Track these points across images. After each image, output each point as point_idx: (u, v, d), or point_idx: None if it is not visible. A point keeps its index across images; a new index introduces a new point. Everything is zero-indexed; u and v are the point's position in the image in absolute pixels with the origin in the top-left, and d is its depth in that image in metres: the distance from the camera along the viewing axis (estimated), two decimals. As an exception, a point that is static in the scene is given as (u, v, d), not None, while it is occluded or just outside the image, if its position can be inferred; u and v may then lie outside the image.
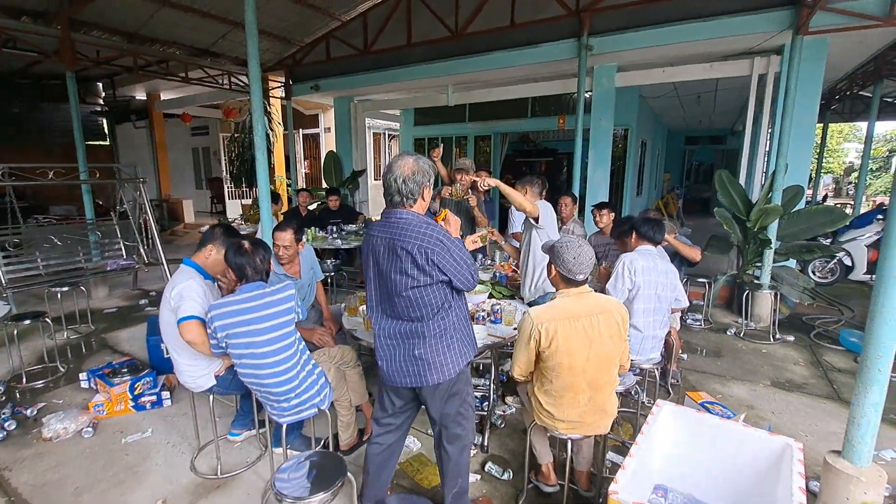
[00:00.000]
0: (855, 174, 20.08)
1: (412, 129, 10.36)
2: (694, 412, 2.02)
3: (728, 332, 4.78)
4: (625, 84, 6.22)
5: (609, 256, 4.00)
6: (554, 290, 2.98)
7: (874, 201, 15.10)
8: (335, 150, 9.24)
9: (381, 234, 1.80)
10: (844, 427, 3.15)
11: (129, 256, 5.65)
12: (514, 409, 3.15)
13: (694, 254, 3.80)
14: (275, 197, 6.11)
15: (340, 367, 2.51)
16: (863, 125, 19.85)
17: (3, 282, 4.36)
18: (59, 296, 4.51)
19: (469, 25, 6.27)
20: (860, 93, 9.32)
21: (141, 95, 11.94)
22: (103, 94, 11.58)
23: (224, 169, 12.85)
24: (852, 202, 16.41)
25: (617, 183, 8.07)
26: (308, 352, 2.22)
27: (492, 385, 3.00)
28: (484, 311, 2.84)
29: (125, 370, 3.24)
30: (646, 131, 9.34)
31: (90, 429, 2.91)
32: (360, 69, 7.54)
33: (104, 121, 12.67)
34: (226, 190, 13.19)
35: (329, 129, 12.06)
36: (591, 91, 6.17)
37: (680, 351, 4.01)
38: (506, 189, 2.91)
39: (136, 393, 3.15)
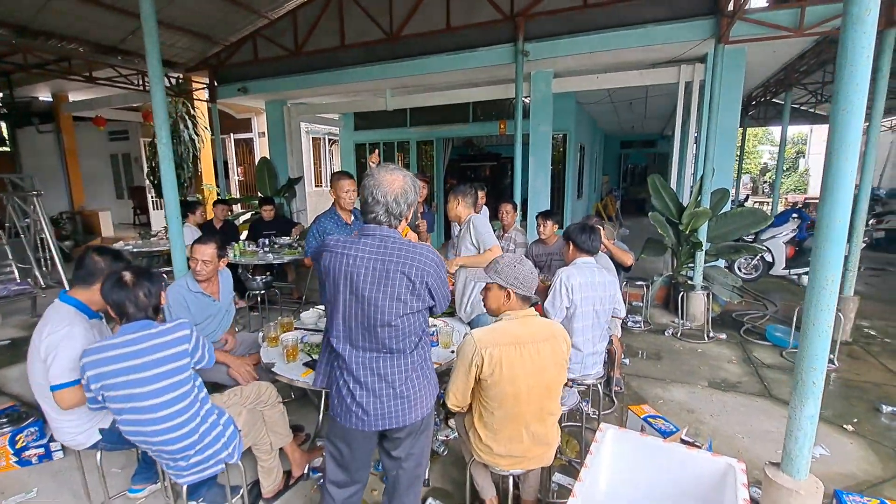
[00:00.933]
0: (769, 174, 21.89)
1: (352, 133, 10.01)
2: (637, 435, 1.92)
3: (666, 333, 4.88)
4: (561, 90, 6.27)
5: (552, 267, 3.93)
6: None
7: (786, 199, 16.44)
8: (268, 157, 8.72)
9: (368, 255, 1.53)
10: (777, 425, 3.29)
11: (23, 280, 4.94)
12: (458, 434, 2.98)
13: (627, 259, 3.81)
14: (193, 206, 5.61)
15: (257, 408, 2.20)
16: (775, 129, 21.69)
17: None
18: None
19: (404, 27, 6.08)
20: (773, 100, 10.08)
21: (45, 96, 10.73)
22: (-1, 95, 10.30)
23: (146, 177, 11.84)
24: (769, 200, 17.82)
25: (558, 187, 8.17)
26: (209, 401, 1.90)
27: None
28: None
29: (4, 420, 2.75)
30: (584, 136, 9.56)
31: (-47, 497, 2.41)
32: (291, 71, 7.13)
33: (2, 125, 11.29)
34: (149, 200, 12.16)
35: (263, 133, 11.42)
36: (529, 96, 6.18)
37: (622, 356, 4.02)
38: (469, 262, 2.87)
39: (18, 447, 2.67)
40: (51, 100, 10.79)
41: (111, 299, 1.77)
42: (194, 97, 9.17)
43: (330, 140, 13.19)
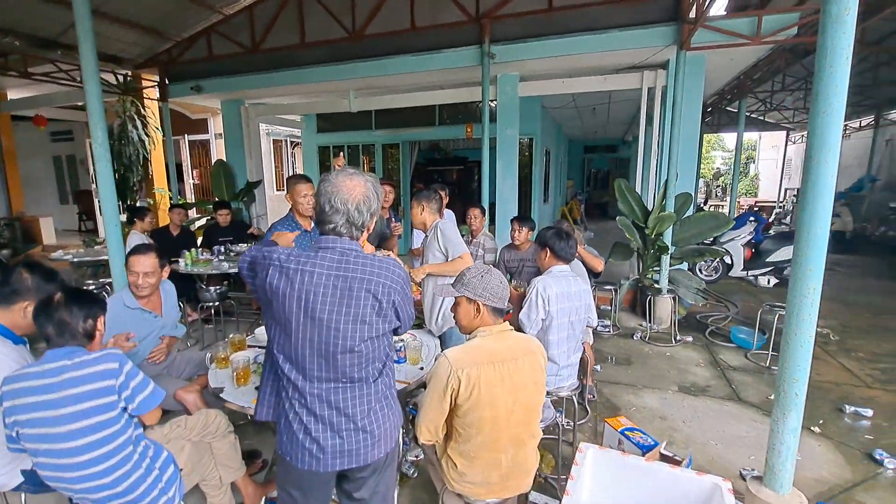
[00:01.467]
0: (722, 178, 22.86)
1: (315, 136, 9.68)
2: (618, 455, 1.82)
3: (635, 337, 4.89)
4: (527, 94, 6.24)
5: (523, 274, 3.83)
6: None
7: (738, 202, 17.16)
8: (224, 159, 8.29)
9: (327, 270, 1.33)
10: (748, 430, 3.30)
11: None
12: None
13: (598, 265, 3.76)
14: (141, 211, 5.21)
15: (205, 440, 1.96)
16: (727, 135, 22.69)
17: None
18: None
19: (367, 26, 5.89)
20: (726, 108, 10.48)
21: (-24, 93, 9.87)
22: (-80, 91, 9.39)
23: (92, 180, 11.08)
24: (722, 203, 18.59)
25: (525, 191, 8.15)
26: (144, 439, 1.65)
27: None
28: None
29: None
30: (549, 140, 9.61)
31: None
32: (248, 69, 6.80)
33: (-76, 123, 10.28)
34: (96, 204, 11.38)
35: (220, 134, 10.91)
36: (495, 100, 6.11)
37: (594, 364, 3.96)
38: (437, 270, 2.67)
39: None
40: (-17, 97, 9.93)
41: (35, 320, 1.54)
42: (144, 96, 8.63)
43: (292, 143, 12.76)
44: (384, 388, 1.48)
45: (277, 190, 12.04)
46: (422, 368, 2.27)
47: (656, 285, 5.19)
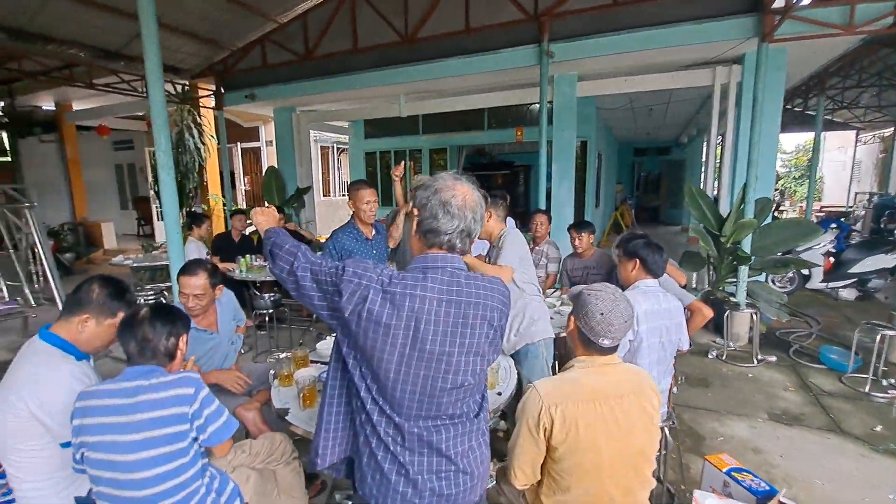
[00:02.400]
0: (780, 182, 21.40)
1: (363, 141, 9.71)
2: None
3: (709, 355, 4.48)
4: (584, 94, 5.95)
5: (588, 282, 3.55)
6: (542, 338, 2.48)
7: (820, 206, 15.85)
8: (276, 166, 8.41)
9: (437, 295, 1.13)
10: (856, 466, 2.88)
11: (11, 299, 4.60)
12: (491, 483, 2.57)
13: (681, 278, 3.41)
14: (199, 218, 5.26)
15: (269, 466, 1.81)
16: (784, 136, 21.24)
17: None
18: None
19: (420, 29, 5.78)
20: (793, 107, 9.71)
21: (48, 105, 10.52)
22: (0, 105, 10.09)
23: (150, 187, 11.57)
24: (785, 208, 17.33)
25: (578, 196, 7.80)
26: (210, 468, 1.50)
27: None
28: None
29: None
30: (602, 143, 9.23)
31: None
32: (300, 76, 6.84)
33: (3, 134, 11.06)
34: (154, 211, 11.87)
35: (271, 142, 11.15)
36: (551, 101, 5.84)
37: (674, 387, 3.61)
38: (475, 265, 2.30)
39: (-13, 502, 2.28)
40: (54, 109, 10.59)
41: (120, 337, 1.46)
42: (200, 105, 8.90)
43: (339, 149, 12.91)
44: (483, 423, 1.28)
45: (324, 196, 12.18)
46: (499, 394, 2.04)
47: (732, 298, 4.75)
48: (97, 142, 11.76)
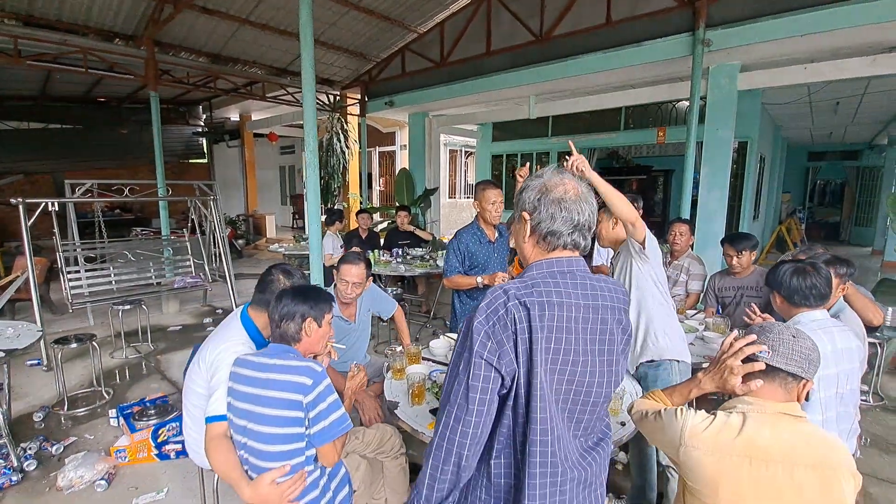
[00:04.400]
0: None
1: (490, 144, 9.77)
2: None
3: (911, 413, 3.49)
4: (748, 86, 5.14)
5: (741, 305, 3.01)
6: (674, 357, 2.12)
7: None
8: (408, 168, 8.90)
9: (582, 301, 1.01)
10: None
11: (197, 274, 5.57)
12: None
13: (875, 315, 2.60)
14: (338, 214, 5.75)
15: (378, 457, 1.85)
16: None
17: (69, 298, 4.35)
18: (120, 313, 4.43)
19: (556, 27, 5.57)
20: None
21: (235, 117, 12.67)
22: (203, 117, 12.44)
23: (304, 185, 13.18)
24: None
25: (732, 205, 6.79)
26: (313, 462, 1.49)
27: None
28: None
29: (153, 411, 2.89)
30: (765, 144, 7.89)
31: (104, 481, 2.54)
32: (435, 82, 7.12)
33: (203, 141, 13.64)
34: (306, 206, 13.50)
35: (405, 146, 11.89)
36: (704, 97, 5.15)
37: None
38: (601, 184, 1.98)
39: (160, 440, 2.76)
40: (238, 119, 12.70)
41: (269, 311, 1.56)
42: (348, 112, 9.86)
43: (466, 152, 13.22)
44: (610, 445, 1.16)
45: (449, 198, 12.57)
46: (623, 424, 1.80)
47: (951, 344, 3.65)
48: (267, 147, 13.82)
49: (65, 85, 8.47)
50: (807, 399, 1.21)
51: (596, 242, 3.94)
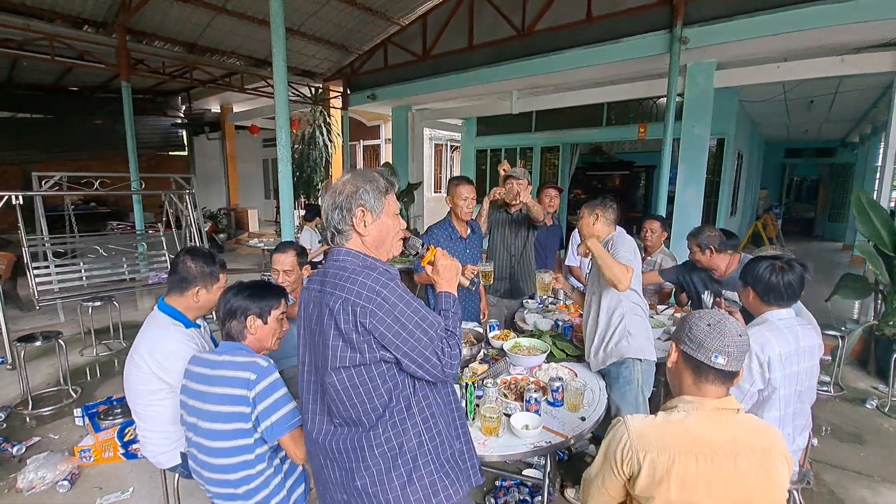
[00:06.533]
0: None
1: (474, 139, 9.74)
2: None
3: (868, 405, 3.60)
4: (724, 84, 5.21)
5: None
6: (636, 356, 2.10)
7: None
8: (391, 162, 8.84)
9: (314, 287, 1.26)
10: None
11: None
12: (576, 510, 2.34)
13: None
14: (318, 209, 5.68)
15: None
16: None
17: (36, 294, 4.24)
18: (90, 310, 4.33)
19: (538, 22, 5.56)
20: None
21: (215, 108, 12.42)
22: (182, 108, 12.16)
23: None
24: None
25: (709, 202, 6.89)
26: (282, 451, 1.52)
27: (547, 470, 2.14)
28: (534, 386, 1.98)
29: (119, 410, 2.84)
30: (742, 141, 8.01)
31: (66, 482, 2.50)
32: (417, 76, 7.07)
33: (183, 132, 13.35)
34: (280, 200, 13.33)
35: (390, 140, 11.80)
36: (682, 94, 5.21)
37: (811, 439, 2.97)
38: (599, 252, 2.04)
39: (126, 439, 2.72)
40: (219, 111, 12.45)
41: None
42: (330, 105, 9.74)
43: (452, 146, 13.18)
44: (391, 442, 1.21)
45: (434, 192, 12.54)
46: (583, 419, 1.83)
47: (909, 338, 3.77)
48: (249, 139, 13.58)
49: (33, 73, 8.20)
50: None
51: (571, 243, 4.00)
